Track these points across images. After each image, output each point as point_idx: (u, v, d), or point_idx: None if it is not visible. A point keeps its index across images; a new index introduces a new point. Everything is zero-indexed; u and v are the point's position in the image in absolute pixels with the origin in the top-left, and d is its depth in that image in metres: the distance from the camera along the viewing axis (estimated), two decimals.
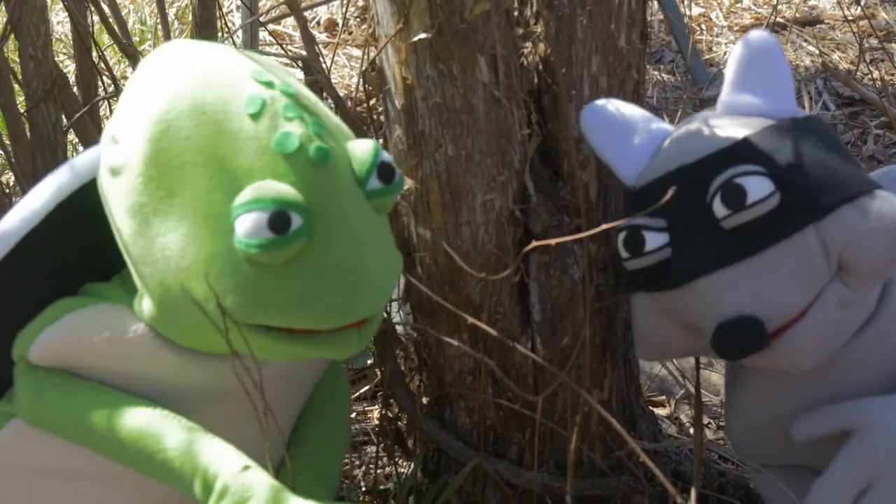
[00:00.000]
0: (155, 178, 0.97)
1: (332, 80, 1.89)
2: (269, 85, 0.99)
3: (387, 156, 1.02)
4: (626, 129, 1.13)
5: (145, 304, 1.02)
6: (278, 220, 0.92)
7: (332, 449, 1.20)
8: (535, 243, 1.09)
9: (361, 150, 1.01)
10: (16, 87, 1.64)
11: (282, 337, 0.98)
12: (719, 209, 1.02)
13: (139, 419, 1.01)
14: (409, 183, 1.20)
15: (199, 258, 0.96)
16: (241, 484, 0.95)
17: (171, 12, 2.96)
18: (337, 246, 0.96)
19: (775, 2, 2.95)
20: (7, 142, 1.67)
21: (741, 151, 1.05)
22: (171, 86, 0.99)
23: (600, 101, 1.14)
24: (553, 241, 1.06)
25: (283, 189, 0.94)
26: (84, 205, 1.05)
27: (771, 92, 1.09)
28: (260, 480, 0.95)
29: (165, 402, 1.04)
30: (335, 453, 1.21)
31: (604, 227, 1.03)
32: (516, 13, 1.17)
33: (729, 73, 1.10)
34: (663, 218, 1.06)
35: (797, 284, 1.02)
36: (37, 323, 1.04)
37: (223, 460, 0.97)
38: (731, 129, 1.07)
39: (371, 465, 1.52)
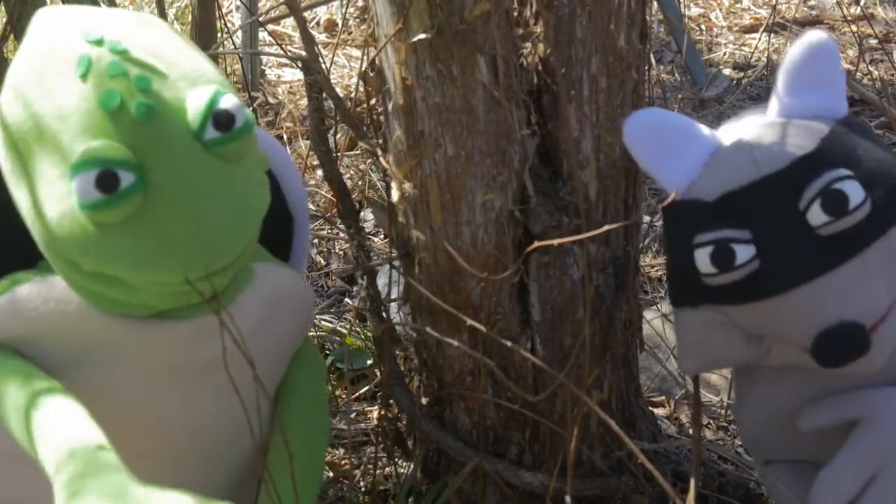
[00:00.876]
0: (11, 147, 1.00)
1: (332, 81, 1.89)
2: (98, 43, 0.99)
3: (227, 102, 0.98)
4: (671, 138, 1.09)
5: None
6: (105, 179, 0.93)
7: (314, 432, 1.19)
8: (536, 244, 1.09)
9: (195, 100, 0.99)
10: None
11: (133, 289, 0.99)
12: (817, 216, 1.01)
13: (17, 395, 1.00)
14: (407, 187, 1.20)
15: (52, 220, 0.97)
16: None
17: (171, 12, 2.96)
18: (173, 201, 0.96)
19: (775, 2, 2.95)
20: None
21: (827, 156, 1.03)
22: (21, 52, 1.02)
23: (642, 112, 1.12)
24: (555, 242, 1.06)
25: (110, 148, 0.94)
26: None
27: (829, 93, 1.07)
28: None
29: (122, 377, 1.04)
30: (318, 436, 1.20)
31: (605, 228, 1.04)
32: (516, 13, 1.17)
33: (786, 74, 1.08)
34: (748, 229, 1.03)
35: (885, 284, 1.03)
36: None
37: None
38: (802, 133, 1.05)
39: (370, 466, 1.52)
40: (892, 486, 1.06)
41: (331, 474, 1.55)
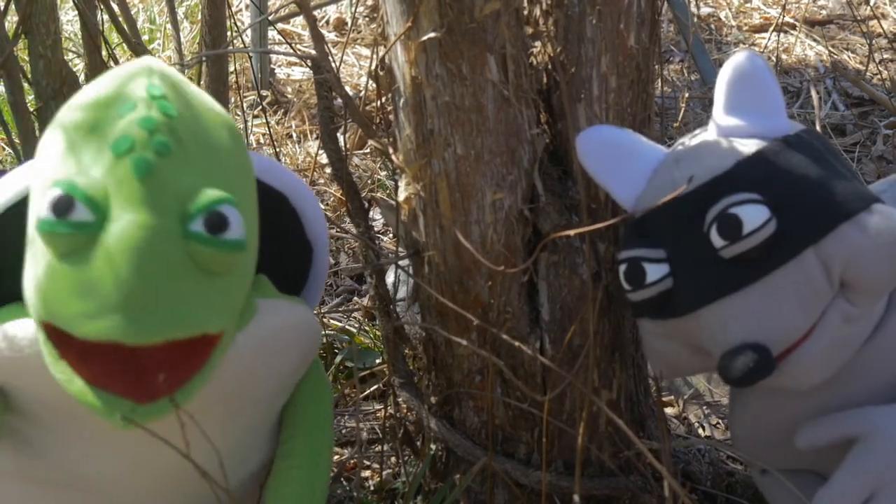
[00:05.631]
0: None
1: (342, 79, 1.89)
2: (156, 98, 0.97)
3: (230, 211, 0.95)
4: (621, 153, 1.12)
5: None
6: (61, 203, 0.92)
7: (318, 460, 1.19)
8: (552, 235, 1.09)
9: (204, 192, 0.95)
10: (25, 85, 1.64)
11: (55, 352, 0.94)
12: (716, 240, 1.02)
13: None
14: (413, 189, 1.20)
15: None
16: None
17: (181, 11, 2.96)
18: (115, 256, 0.91)
19: (784, 2, 2.95)
20: (17, 140, 1.68)
21: (735, 178, 1.04)
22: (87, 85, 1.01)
23: (594, 129, 1.14)
24: (571, 232, 1.07)
25: (84, 180, 0.93)
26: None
27: (762, 112, 1.08)
28: None
29: (81, 427, 1.03)
30: (322, 464, 1.19)
31: (616, 219, 1.03)
32: (526, 12, 1.17)
33: (718, 95, 1.10)
34: (662, 248, 1.06)
35: (800, 307, 1.02)
36: None
37: None
38: (724, 154, 1.06)
39: (379, 465, 1.52)
40: None
41: (336, 472, 1.55)
